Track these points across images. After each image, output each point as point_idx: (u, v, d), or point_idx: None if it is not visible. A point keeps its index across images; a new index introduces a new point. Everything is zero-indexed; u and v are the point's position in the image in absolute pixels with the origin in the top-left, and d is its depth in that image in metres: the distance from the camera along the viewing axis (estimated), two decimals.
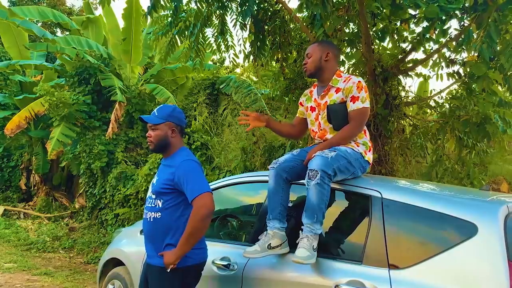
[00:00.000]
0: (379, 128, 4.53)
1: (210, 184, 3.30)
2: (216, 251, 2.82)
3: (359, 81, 2.60)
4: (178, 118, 2.62)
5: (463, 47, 3.83)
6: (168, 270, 2.35)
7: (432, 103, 5.08)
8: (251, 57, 5.26)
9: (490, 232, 1.89)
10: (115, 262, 3.66)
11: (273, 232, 2.46)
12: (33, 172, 10.53)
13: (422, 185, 2.67)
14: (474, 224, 1.92)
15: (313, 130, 2.80)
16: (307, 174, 2.35)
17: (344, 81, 2.63)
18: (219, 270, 2.73)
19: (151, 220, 2.49)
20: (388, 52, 4.88)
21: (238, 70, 14.50)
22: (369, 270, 2.13)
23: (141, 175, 6.97)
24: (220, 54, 5.92)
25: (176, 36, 5.44)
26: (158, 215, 2.46)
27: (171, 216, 2.45)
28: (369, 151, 2.67)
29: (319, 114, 2.70)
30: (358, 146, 2.61)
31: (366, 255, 2.18)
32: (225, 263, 2.71)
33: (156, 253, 2.46)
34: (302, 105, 2.92)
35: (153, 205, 2.49)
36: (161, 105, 2.69)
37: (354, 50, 4.72)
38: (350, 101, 2.58)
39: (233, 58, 5.59)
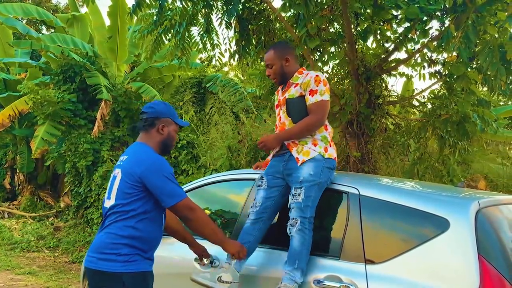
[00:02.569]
0: (362, 126, 4.60)
1: (195, 181, 3.34)
2: None
3: (316, 75, 2.57)
4: None
5: (443, 47, 3.91)
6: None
7: (415, 103, 5.17)
8: (237, 56, 5.29)
9: (461, 226, 1.95)
10: None
11: (228, 267, 2.44)
12: (17, 171, 10.40)
13: (399, 182, 2.72)
14: (446, 219, 1.99)
15: (276, 125, 2.80)
16: (288, 223, 2.38)
17: (304, 77, 2.61)
18: (203, 268, 2.75)
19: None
20: (371, 51, 4.95)
21: (226, 69, 14.49)
22: (347, 265, 2.18)
23: None
24: (206, 53, 5.93)
25: (162, 35, 5.43)
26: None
27: None
28: (330, 146, 2.59)
29: (281, 109, 2.71)
30: (316, 145, 2.54)
31: (343, 251, 2.23)
32: (208, 260, 2.73)
33: None
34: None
35: None
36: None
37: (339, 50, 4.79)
38: (309, 95, 2.55)
39: (218, 56, 5.60)
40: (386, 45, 4.82)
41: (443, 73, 4.45)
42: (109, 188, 2.30)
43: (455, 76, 4.00)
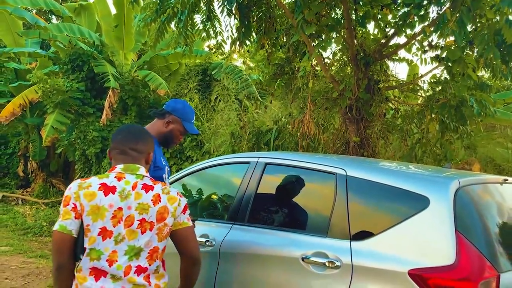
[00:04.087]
0: (361, 112, 4.65)
1: (196, 165, 3.44)
2: (197, 229, 2.96)
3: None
4: None
5: (439, 31, 3.91)
6: None
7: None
8: (238, 43, 5.34)
9: (440, 204, 2.02)
10: None
11: None
12: (30, 159, 10.66)
13: (386, 163, 2.79)
14: (427, 197, 2.06)
15: None
16: None
17: None
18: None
19: None
20: (371, 37, 4.97)
21: (235, 56, 14.48)
22: (333, 242, 2.27)
23: None
24: (210, 40, 5.98)
25: (165, 23, 5.49)
26: None
27: None
28: None
29: None
30: None
31: (330, 228, 2.32)
32: (203, 239, 2.85)
33: None
34: None
35: None
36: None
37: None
38: None
39: (220, 44, 5.66)
40: (386, 30, 4.83)
41: (441, 58, 4.46)
42: None
43: (452, 61, 4.02)
